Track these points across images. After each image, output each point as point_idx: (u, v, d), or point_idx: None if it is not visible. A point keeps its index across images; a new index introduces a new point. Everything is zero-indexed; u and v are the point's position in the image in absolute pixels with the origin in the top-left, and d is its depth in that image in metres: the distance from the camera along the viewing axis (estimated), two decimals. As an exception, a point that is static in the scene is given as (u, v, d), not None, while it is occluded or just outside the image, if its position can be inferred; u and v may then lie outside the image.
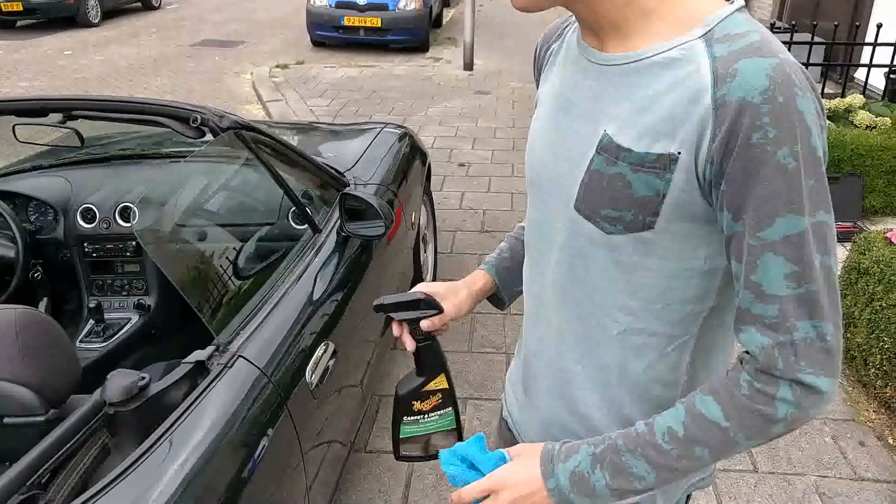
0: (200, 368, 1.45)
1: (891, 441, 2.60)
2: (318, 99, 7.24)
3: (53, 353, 1.36)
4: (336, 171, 2.44)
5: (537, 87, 1.05)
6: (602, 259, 0.87)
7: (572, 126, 0.89)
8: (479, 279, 1.20)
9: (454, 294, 1.14)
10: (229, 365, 1.45)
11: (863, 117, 4.42)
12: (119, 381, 1.32)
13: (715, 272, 0.85)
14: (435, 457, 1.19)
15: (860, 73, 5.71)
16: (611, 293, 0.89)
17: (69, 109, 1.96)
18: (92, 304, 2.39)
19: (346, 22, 9.69)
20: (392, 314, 1.11)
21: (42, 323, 1.36)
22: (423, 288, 1.14)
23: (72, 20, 11.47)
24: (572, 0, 0.84)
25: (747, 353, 0.80)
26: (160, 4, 14.14)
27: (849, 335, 2.94)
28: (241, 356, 1.49)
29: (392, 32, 9.73)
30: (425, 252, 3.37)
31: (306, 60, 9.26)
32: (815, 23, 5.45)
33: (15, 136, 2.21)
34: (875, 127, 4.36)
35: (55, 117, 2.09)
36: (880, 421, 2.70)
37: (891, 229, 2.94)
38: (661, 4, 0.81)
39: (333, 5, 9.75)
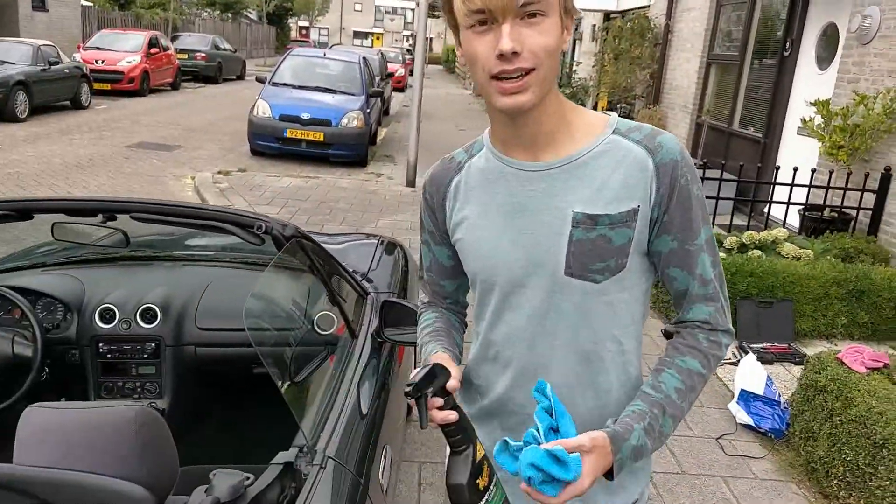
0: (289, 469, 1.48)
1: (859, 549, 2.80)
2: (266, 206, 7.32)
3: (164, 453, 1.37)
4: (358, 281, 2.54)
5: (439, 220, 1.29)
6: (593, 306, 1.16)
7: (536, 219, 1.16)
8: (447, 357, 1.26)
9: (446, 361, 1.20)
10: (323, 466, 1.49)
11: (789, 249, 4.94)
12: (226, 481, 1.34)
13: (647, 289, 1.22)
14: None
15: (776, 211, 6.37)
16: (605, 328, 1.18)
17: (129, 212, 2.00)
18: None
19: (288, 134, 9.95)
20: (427, 392, 1.09)
21: (157, 422, 1.37)
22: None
23: (-2, 114, 11.24)
24: (535, 109, 1.10)
25: (693, 322, 1.18)
26: (89, 104, 14.06)
27: (809, 448, 3.19)
28: (331, 458, 1.53)
29: (333, 147, 10.05)
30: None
31: (248, 168, 9.38)
32: (723, 162, 6.10)
33: (53, 234, 2.21)
34: (800, 258, 4.86)
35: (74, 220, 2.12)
36: (847, 529, 2.91)
37: (839, 350, 3.28)
38: (575, 118, 1.16)
39: (277, 118, 10.02)
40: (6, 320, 2.38)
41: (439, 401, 1.10)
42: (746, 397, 3.65)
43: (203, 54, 21.80)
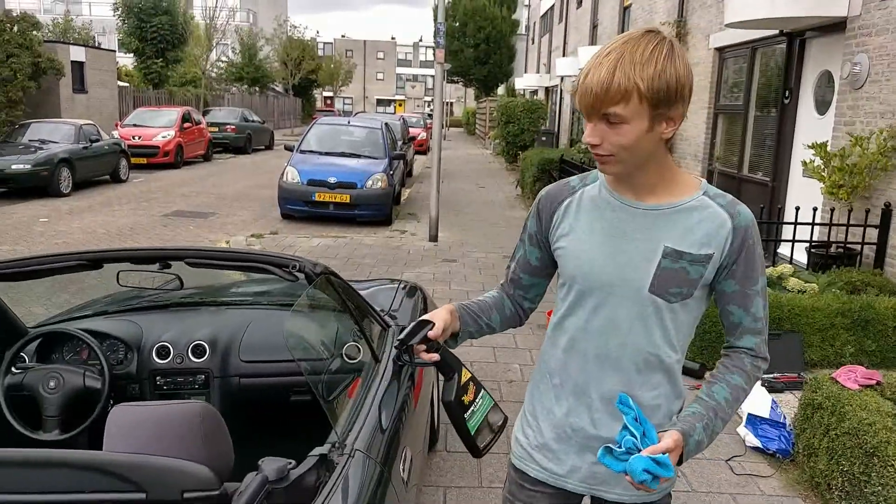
0: (323, 460, 1.77)
1: (861, 555, 2.96)
2: (296, 265, 7.71)
3: (222, 441, 1.67)
4: (381, 315, 2.86)
5: (544, 228, 1.61)
6: (662, 319, 1.49)
7: (633, 245, 1.48)
8: (449, 308, 1.59)
9: (435, 314, 1.55)
10: (352, 455, 1.78)
11: (794, 283, 5.16)
12: (273, 465, 1.63)
13: (699, 316, 1.54)
14: (501, 431, 1.60)
15: (783, 248, 6.59)
16: (664, 339, 1.50)
17: (183, 258, 2.36)
18: None
19: (317, 197, 10.45)
20: (412, 342, 1.46)
21: (216, 416, 1.68)
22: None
23: (43, 190, 11.94)
24: (634, 170, 1.44)
25: (742, 349, 1.52)
26: (127, 178, 14.83)
27: (812, 463, 3.37)
28: (359, 450, 1.82)
29: (360, 208, 10.51)
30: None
31: (279, 231, 9.85)
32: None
33: (118, 281, 2.58)
34: (805, 291, 5.08)
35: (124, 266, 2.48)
36: (849, 538, 3.08)
37: (837, 367, 3.48)
38: (675, 177, 1.49)
39: (305, 182, 10.55)
40: (75, 360, 2.72)
41: (423, 346, 1.48)
42: (754, 421, 3.84)
43: (233, 126, 22.82)
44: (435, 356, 1.50)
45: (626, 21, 15.26)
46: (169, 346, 2.74)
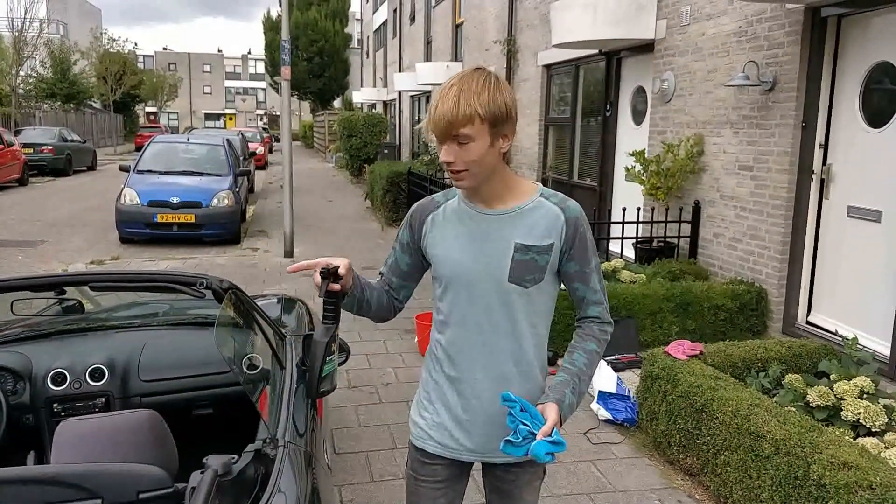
0: (258, 454, 1.95)
1: (696, 497, 3.54)
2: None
3: (168, 444, 1.81)
4: (278, 325, 3.03)
5: (416, 237, 1.90)
6: (523, 302, 1.80)
7: (491, 245, 1.79)
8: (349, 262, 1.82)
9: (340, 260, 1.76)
10: (285, 447, 1.98)
11: (626, 275, 5.86)
12: (219, 460, 1.80)
13: (555, 295, 1.86)
14: (331, 390, 1.94)
15: (614, 245, 7.39)
16: (526, 318, 1.82)
17: (87, 283, 2.41)
18: None
19: (159, 219, 10.08)
20: (330, 278, 1.70)
21: (161, 422, 1.81)
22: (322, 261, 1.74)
23: None
24: (483, 183, 1.75)
25: (590, 318, 1.86)
26: (-69, 207, 13.39)
27: (654, 427, 3.94)
28: (289, 441, 2.02)
29: (206, 227, 10.27)
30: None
31: (121, 256, 9.42)
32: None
33: (12, 310, 2.56)
34: (636, 281, 5.79)
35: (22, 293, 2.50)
36: (686, 484, 3.65)
37: (667, 344, 4.09)
38: (516, 185, 1.81)
39: (146, 204, 10.14)
40: None
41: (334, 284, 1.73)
42: (604, 397, 4.38)
43: (50, 147, 21.14)
44: (336, 286, 1.71)
45: (459, 38, 16.05)
46: (65, 372, 2.73)
